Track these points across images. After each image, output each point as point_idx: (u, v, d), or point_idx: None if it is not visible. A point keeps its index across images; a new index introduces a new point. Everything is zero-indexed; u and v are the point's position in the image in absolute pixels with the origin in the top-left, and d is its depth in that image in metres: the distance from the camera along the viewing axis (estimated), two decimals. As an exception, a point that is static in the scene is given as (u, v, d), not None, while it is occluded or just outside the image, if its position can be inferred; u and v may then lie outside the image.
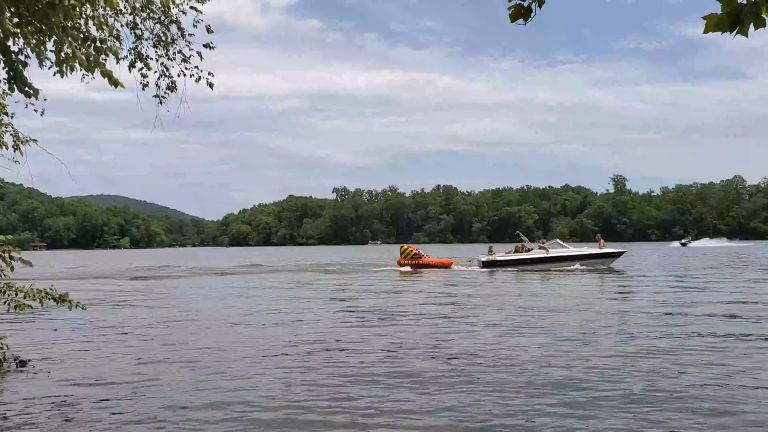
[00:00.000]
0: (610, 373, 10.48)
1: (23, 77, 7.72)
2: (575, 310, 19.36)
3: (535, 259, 43.42)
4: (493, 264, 43.39)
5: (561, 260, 43.67)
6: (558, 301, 22.36)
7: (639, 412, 8.33)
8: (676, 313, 18.29)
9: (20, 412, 8.77)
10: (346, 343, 13.73)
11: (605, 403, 8.72)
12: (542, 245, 45.13)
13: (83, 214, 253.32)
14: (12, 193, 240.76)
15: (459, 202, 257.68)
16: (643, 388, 9.47)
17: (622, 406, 8.61)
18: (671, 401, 8.80)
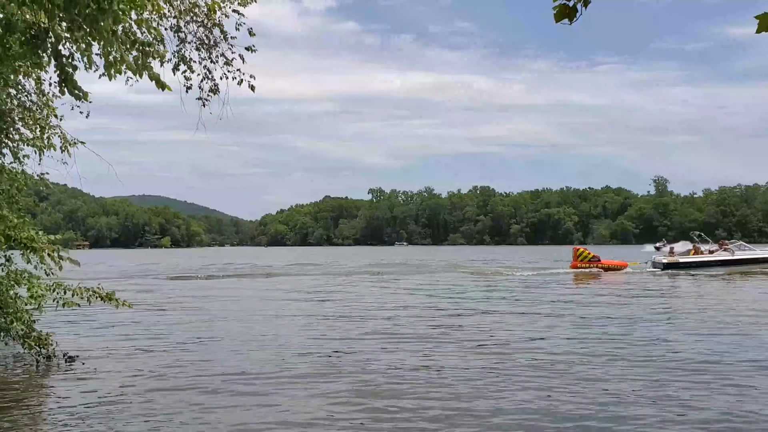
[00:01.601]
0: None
1: (74, 81, 7.91)
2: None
3: (722, 261, 40.61)
4: (675, 266, 40.77)
5: (748, 263, 40.67)
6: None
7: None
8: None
9: (68, 405, 9.01)
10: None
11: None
12: (725, 246, 42.66)
13: (125, 214, 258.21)
14: (56, 193, 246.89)
15: (497, 204, 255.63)
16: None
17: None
18: None
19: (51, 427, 8.23)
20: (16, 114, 12.79)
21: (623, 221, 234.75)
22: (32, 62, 8.65)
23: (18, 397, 9.68)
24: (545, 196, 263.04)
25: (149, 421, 8.25)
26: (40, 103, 13.15)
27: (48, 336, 11.37)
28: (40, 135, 12.54)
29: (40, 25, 7.95)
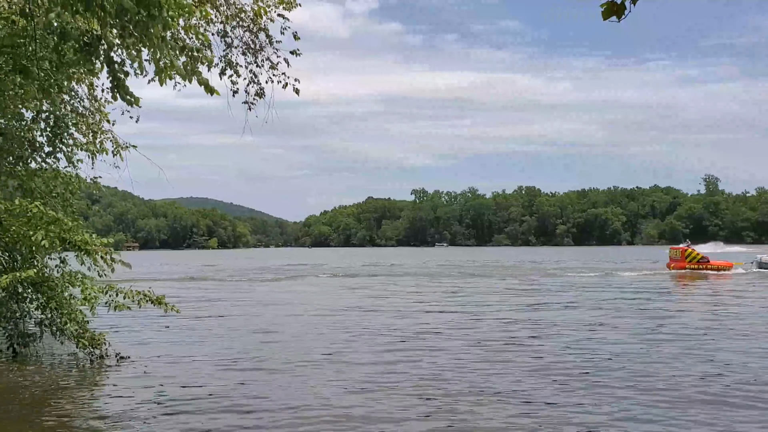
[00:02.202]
0: None
1: (125, 86, 8.09)
2: None
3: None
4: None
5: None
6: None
7: None
8: None
9: (120, 403, 9.23)
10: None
11: None
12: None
13: (174, 216, 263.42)
14: (107, 196, 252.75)
15: (542, 204, 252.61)
16: None
17: None
18: None
19: (103, 423, 8.43)
20: (70, 119, 13.14)
21: (672, 221, 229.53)
22: (86, 69, 8.90)
23: (72, 395, 9.95)
24: (592, 196, 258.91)
25: (196, 420, 8.38)
26: (93, 109, 13.51)
27: (101, 336, 11.66)
28: (92, 140, 12.87)
29: (93, 32, 8.18)
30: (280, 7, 11.98)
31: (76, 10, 7.18)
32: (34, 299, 11.94)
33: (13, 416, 8.81)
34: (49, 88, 9.53)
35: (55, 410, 9.06)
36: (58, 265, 12.81)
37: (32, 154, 13.28)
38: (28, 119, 13.07)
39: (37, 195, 12.50)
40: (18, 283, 11.29)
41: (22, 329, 12.38)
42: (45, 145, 13.38)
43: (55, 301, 11.37)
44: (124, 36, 7.43)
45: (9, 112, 11.71)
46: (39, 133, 13.32)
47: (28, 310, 12.49)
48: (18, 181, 13.01)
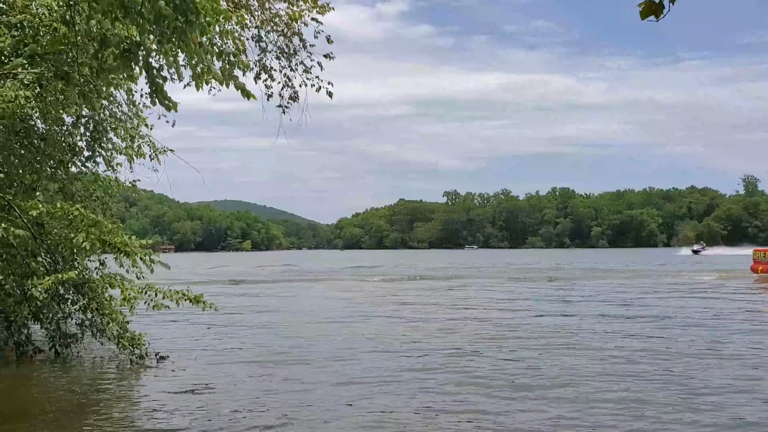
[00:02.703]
0: None
1: (164, 91, 8.24)
2: None
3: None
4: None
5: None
6: None
7: None
8: None
9: (159, 403, 9.38)
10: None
11: None
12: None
13: (208, 219, 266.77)
14: (143, 199, 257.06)
15: (577, 205, 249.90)
16: None
17: None
18: None
19: (143, 422, 8.59)
20: (109, 124, 13.42)
21: (710, 222, 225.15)
22: (125, 75, 9.09)
23: (113, 394, 10.15)
24: (627, 197, 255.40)
25: (236, 420, 8.48)
26: (131, 114, 13.77)
27: (141, 336, 11.87)
28: (131, 144, 13.12)
29: (132, 39, 8.34)
30: (313, 11, 12.09)
31: (116, 17, 7.34)
32: (76, 300, 12.20)
33: (55, 416, 9.02)
34: (89, 93, 9.76)
35: (96, 410, 9.25)
36: (98, 267, 13.10)
37: (72, 159, 13.59)
38: (68, 124, 13.40)
39: (78, 198, 12.79)
40: (60, 285, 11.55)
41: (64, 330, 12.66)
42: (85, 150, 13.71)
43: (96, 302, 11.62)
44: (162, 42, 7.56)
45: (50, 117, 11.99)
46: (79, 137, 13.66)
47: (69, 311, 12.78)
48: (59, 185, 13.34)
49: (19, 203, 10.68)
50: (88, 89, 9.66)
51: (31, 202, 10.58)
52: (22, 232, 10.29)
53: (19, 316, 12.04)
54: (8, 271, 11.30)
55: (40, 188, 12.95)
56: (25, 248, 11.54)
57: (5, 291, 11.59)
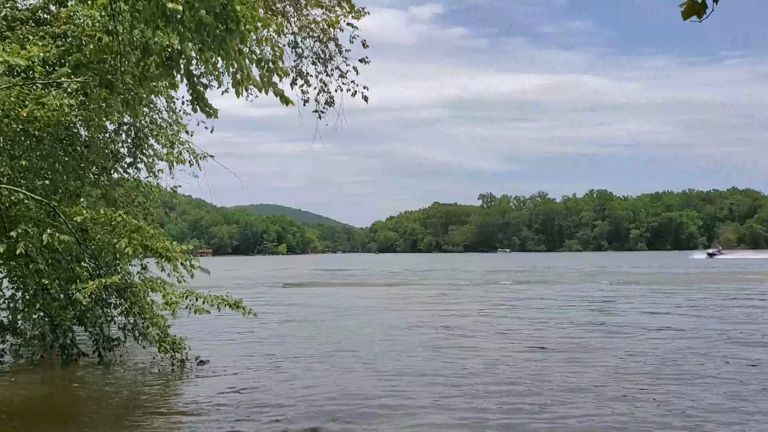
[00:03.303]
0: None
1: (204, 99, 8.35)
2: None
3: None
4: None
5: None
6: None
7: None
8: None
9: (199, 406, 9.50)
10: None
11: None
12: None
13: (245, 223, 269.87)
14: (182, 204, 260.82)
15: (615, 208, 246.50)
16: None
17: None
18: None
19: (184, 425, 8.69)
20: (149, 131, 13.66)
21: (753, 224, 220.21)
22: (167, 82, 9.22)
23: (155, 398, 10.30)
24: (666, 199, 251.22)
25: (276, 423, 8.54)
26: (171, 120, 14.01)
27: (181, 340, 12.03)
28: (171, 150, 13.33)
29: (173, 47, 8.48)
30: (349, 16, 12.14)
31: (157, 26, 7.47)
32: (118, 305, 12.42)
33: (99, 418, 9.19)
34: (132, 101, 9.94)
35: (139, 412, 9.39)
36: (140, 272, 13.33)
37: (114, 165, 13.87)
38: (110, 131, 13.67)
39: (120, 204, 13.03)
40: (103, 289, 11.78)
41: (107, 334, 12.90)
42: (126, 156, 13.98)
43: (138, 307, 11.81)
44: (203, 50, 7.67)
45: (93, 124, 12.25)
46: (121, 144, 13.93)
47: (112, 315, 13.02)
48: (102, 191, 13.60)
49: (64, 209, 10.92)
50: (131, 97, 9.84)
51: (76, 208, 10.81)
52: (67, 237, 10.52)
53: (64, 320, 12.31)
54: (53, 275, 11.55)
55: (84, 194, 13.23)
56: (70, 253, 11.79)
57: (51, 295, 11.85)
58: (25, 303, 13.12)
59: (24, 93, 10.31)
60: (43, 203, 10.75)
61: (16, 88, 10.21)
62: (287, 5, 12.31)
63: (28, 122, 10.44)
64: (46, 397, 10.41)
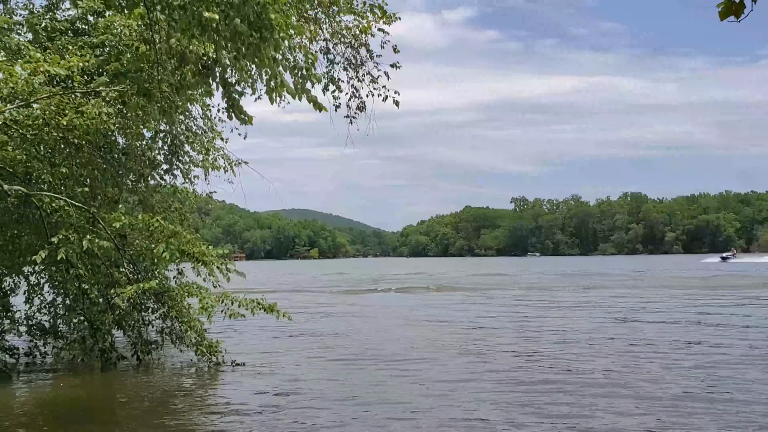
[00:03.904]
0: None
1: (239, 106, 8.48)
2: None
3: None
4: None
5: None
6: None
7: None
8: None
9: (235, 409, 9.62)
10: None
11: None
12: None
13: (277, 228, 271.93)
14: (216, 209, 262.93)
15: (649, 211, 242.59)
16: None
17: None
18: None
19: (220, 427, 8.81)
20: (185, 138, 13.88)
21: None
22: (203, 90, 9.38)
23: (192, 400, 10.47)
24: (703, 202, 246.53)
25: (310, 427, 8.60)
26: (206, 128, 14.22)
27: (217, 343, 12.20)
28: (206, 157, 13.52)
29: (209, 55, 8.62)
30: (380, 22, 12.20)
31: (193, 35, 7.61)
32: (156, 309, 12.64)
33: (137, 419, 9.36)
34: (168, 109, 10.12)
35: (176, 414, 9.56)
36: (176, 276, 13.54)
37: (151, 172, 14.10)
38: (147, 139, 13.92)
39: (157, 210, 13.25)
40: (141, 294, 11.99)
41: (145, 337, 13.13)
42: (163, 163, 14.22)
43: (175, 311, 12.01)
44: (238, 58, 7.79)
45: (131, 132, 12.48)
46: (157, 151, 14.17)
47: (150, 319, 13.24)
48: (139, 197, 13.85)
49: (103, 215, 11.14)
50: (168, 105, 10.01)
51: (114, 215, 11.02)
52: (106, 243, 10.72)
53: (104, 324, 12.57)
54: (93, 280, 11.80)
55: (122, 201, 13.47)
56: (109, 259, 12.03)
57: (90, 300, 12.11)
58: (66, 307, 13.45)
59: (64, 102, 10.54)
60: (83, 210, 10.97)
61: (56, 97, 10.44)
62: (319, 12, 12.43)
63: (68, 130, 10.67)
64: (86, 399, 10.65)
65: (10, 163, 10.60)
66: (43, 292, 13.66)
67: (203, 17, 6.94)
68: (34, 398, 10.77)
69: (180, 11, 7.37)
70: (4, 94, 10.08)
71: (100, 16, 12.24)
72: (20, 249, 12.23)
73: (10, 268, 12.83)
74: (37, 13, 13.12)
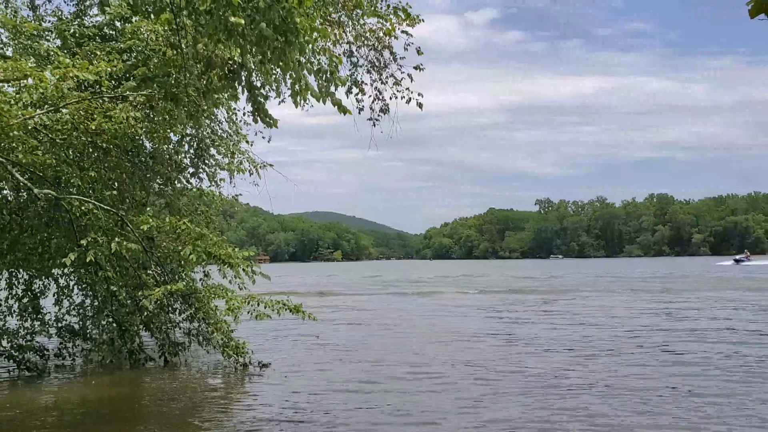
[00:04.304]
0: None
1: (265, 110, 8.55)
2: None
3: None
4: None
5: None
6: None
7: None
8: None
9: (262, 409, 9.69)
10: None
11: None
12: None
13: (301, 230, 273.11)
14: (240, 212, 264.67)
15: (676, 212, 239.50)
16: None
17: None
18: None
19: (247, 428, 8.87)
20: (211, 141, 14.02)
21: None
22: (229, 94, 9.48)
23: (219, 401, 10.58)
24: (731, 203, 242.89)
25: (336, 426, 8.64)
26: (231, 131, 14.35)
27: (244, 344, 12.30)
28: (232, 160, 13.66)
29: (234, 60, 8.71)
30: (403, 24, 12.22)
31: (219, 40, 7.70)
32: (183, 310, 12.78)
33: (165, 420, 9.47)
34: (195, 113, 10.24)
35: (204, 415, 9.65)
36: (203, 278, 13.68)
37: (178, 175, 14.27)
38: (174, 142, 14.08)
39: (184, 213, 13.40)
40: (168, 296, 12.13)
41: (173, 339, 13.28)
42: (189, 166, 14.38)
43: (203, 312, 12.13)
44: (264, 62, 7.87)
45: (158, 136, 12.64)
46: (183, 155, 14.33)
47: (177, 320, 13.39)
48: (166, 200, 14.02)
49: (131, 218, 11.29)
50: (194, 109, 10.13)
51: (142, 217, 11.17)
52: (134, 245, 10.87)
53: (132, 326, 12.74)
54: (121, 282, 11.95)
55: (149, 204, 13.65)
56: (137, 261, 12.18)
57: (119, 301, 12.28)
58: (95, 309, 13.65)
59: (92, 107, 10.70)
60: (112, 213, 11.13)
61: (85, 102, 10.61)
62: (342, 15, 12.49)
63: (97, 135, 10.84)
64: (115, 399, 10.80)
65: (40, 167, 10.79)
66: (72, 294, 13.88)
67: (229, 22, 7.02)
68: (63, 398, 10.94)
69: (206, 16, 7.47)
70: (34, 100, 10.26)
71: (127, 22, 12.41)
72: (50, 252, 12.46)
73: (40, 270, 13.07)
74: (65, 19, 13.35)
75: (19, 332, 12.91)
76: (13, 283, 13.17)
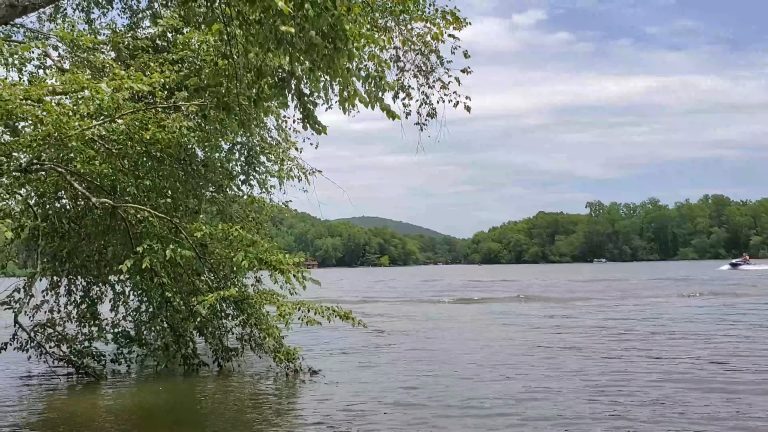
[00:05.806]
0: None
1: (314, 116, 8.61)
2: None
3: None
4: None
5: None
6: None
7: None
8: None
9: (313, 416, 9.72)
10: None
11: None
12: None
13: (348, 235, 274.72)
14: (288, 218, 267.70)
15: (733, 214, 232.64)
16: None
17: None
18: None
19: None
20: (260, 149, 14.21)
21: None
22: (280, 102, 9.58)
23: (271, 407, 10.66)
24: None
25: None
26: (280, 138, 14.52)
27: (295, 350, 12.39)
28: (281, 167, 13.81)
29: (284, 68, 8.80)
30: (450, 27, 12.16)
31: (268, 48, 7.77)
32: (235, 316, 12.94)
33: (219, 426, 9.58)
34: (247, 121, 10.38)
35: (257, 421, 9.73)
36: (254, 284, 13.83)
37: (229, 183, 14.49)
38: (225, 150, 14.32)
39: (235, 219, 13.60)
40: (221, 302, 12.30)
41: (226, 344, 13.45)
42: (240, 174, 14.60)
43: (254, 318, 12.26)
44: (313, 69, 7.91)
45: (210, 145, 12.86)
46: (234, 162, 14.56)
47: (230, 326, 13.56)
48: (218, 208, 14.25)
49: (185, 226, 11.50)
50: (246, 117, 10.26)
51: (196, 225, 11.36)
52: (188, 252, 11.06)
53: (186, 331, 12.96)
54: (176, 288, 12.18)
55: (202, 211, 13.88)
56: (191, 267, 12.39)
57: (173, 307, 12.51)
58: (150, 315, 13.93)
59: (146, 117, 10.94)
60: (166, 220, 11.34)
61: (139, 112, 10.85)
62: (389, 21, 12.50)
63: (151, 144, 11.07)
64: (170, 405, 10.99)
65: (98, 176, 11.08)
66: (128, 301, 14.18)
67: (279, 31, 7.07)
68: (119, 403, 11.18)
69: (256, 26, 7.55)
70: (91, 111, 10.55)
71: (179, 33, 12.66)
72: (107, 259, 12.79)
73: (97, 277, 13.41)
74: (119, 32, 13.71)
75: (77, 338, 13.25)
76: (72, 289, 13.53)
